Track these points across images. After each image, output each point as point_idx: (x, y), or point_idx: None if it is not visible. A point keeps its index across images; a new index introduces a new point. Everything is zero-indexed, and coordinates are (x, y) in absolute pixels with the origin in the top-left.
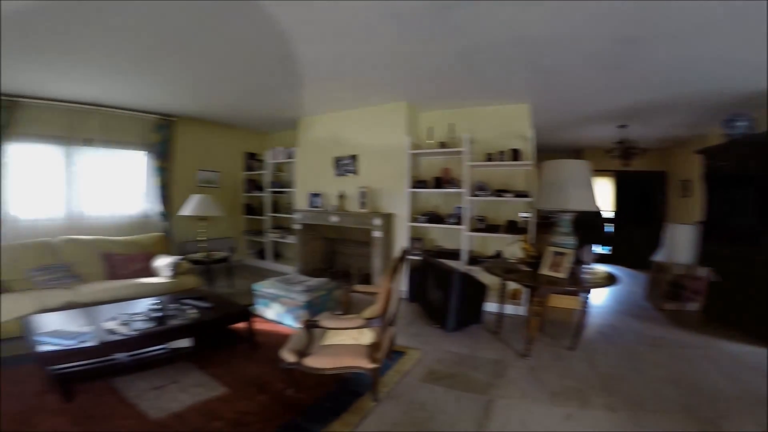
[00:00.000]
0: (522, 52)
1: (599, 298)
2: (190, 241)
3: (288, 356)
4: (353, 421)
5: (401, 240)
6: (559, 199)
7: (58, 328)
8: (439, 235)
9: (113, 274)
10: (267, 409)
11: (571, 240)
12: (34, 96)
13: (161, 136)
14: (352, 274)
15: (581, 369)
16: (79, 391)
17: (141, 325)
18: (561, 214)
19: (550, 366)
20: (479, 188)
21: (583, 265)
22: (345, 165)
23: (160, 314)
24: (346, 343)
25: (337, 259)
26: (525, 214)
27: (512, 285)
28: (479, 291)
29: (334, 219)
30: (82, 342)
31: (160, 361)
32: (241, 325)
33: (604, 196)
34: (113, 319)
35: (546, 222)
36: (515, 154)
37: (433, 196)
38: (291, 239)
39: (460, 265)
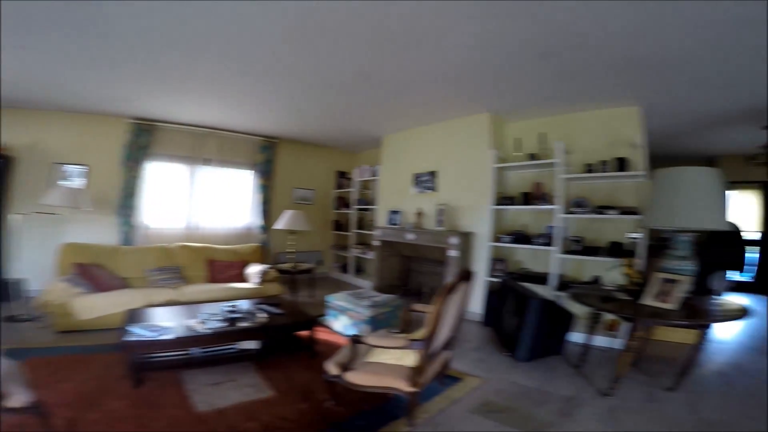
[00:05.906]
0: (625, 44)
1: (729, 332)
2: (284, 252)
3: (332, 368)
4: None
5: (480, 260)
6: (673, 215)
7: (152, 322)
8: (527, 256)
9: (214, 278)
10: (304, 417)
11: (688, 265)
12: (167, 120)
13: (265, 156)
14: (424, 293)
15: (677, 413)
16: (150, 380)
17: (215, 324)
18: (677, 233)
19: (636, 408)
20: (577, 204)
21: (711, 295)
22: (424, 182)
23: (232, 316)
24: (389, 362)
25: (412, 277)
26: (634, 235)
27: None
28: (563, 319)
29: (410, 237)
30: (162, 335)
31: (228, 359)
32: (305, 333)
33: (745, 211)
34: (195, 317)
35: (661, 244)
36: (621, 164)
37: (522, 214)
38: (371, 255)
39: (546, 291)
